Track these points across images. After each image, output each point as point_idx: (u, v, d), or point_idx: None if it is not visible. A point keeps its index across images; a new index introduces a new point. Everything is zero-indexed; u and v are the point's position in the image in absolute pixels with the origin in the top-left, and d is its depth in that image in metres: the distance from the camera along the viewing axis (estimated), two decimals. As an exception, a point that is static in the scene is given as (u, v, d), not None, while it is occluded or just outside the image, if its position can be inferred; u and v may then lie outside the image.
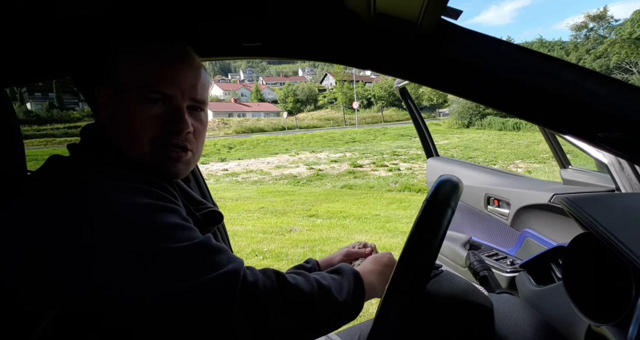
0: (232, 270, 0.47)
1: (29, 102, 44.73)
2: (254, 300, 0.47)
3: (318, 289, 0.53)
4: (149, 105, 0.56)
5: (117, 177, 0.49)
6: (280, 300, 0.49)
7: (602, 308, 0.54)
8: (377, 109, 42.30)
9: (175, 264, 0.45)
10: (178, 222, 0.49)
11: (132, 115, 0.56)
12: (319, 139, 18.50)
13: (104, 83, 0.60)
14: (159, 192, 0.50)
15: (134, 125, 0.56)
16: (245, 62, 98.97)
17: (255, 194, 6.94)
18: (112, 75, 0.59)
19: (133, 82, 0.57)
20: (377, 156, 12.05)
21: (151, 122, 0.56)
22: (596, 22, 38.48)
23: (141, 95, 0.56)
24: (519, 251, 1.45)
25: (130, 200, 0.46)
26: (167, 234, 0.46)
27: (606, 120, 0.51)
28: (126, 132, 0.57)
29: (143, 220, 0.46)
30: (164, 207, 0.49)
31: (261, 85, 66.22)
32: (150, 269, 0.44)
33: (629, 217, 0.52)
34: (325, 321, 0.53)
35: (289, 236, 4.17)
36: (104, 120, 0.60)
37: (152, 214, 0.47)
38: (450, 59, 0.57)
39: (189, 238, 0.48)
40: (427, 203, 0.54)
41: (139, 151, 0.57)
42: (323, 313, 0.52)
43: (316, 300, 0.52)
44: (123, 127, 0.57)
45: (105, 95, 0.59)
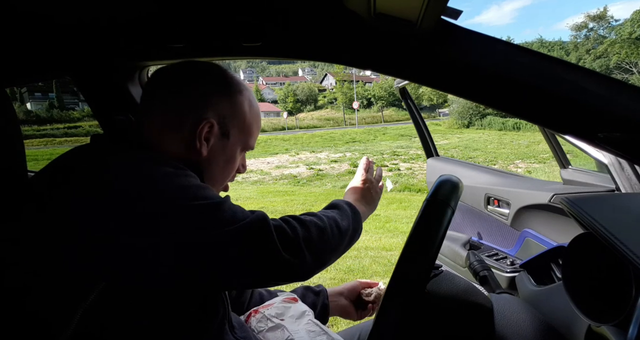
0: (261, 215, 0.53)
1: (29, 102, 44.74)
2: (286, 236, 0.53)
3: (328, 220, 0.60)
4: (241, 154, 0.68)
5: (140, 157, 0.53)
6: (304, 234, 0.55)
7: (602, 308, 0.54)
8: (377, 109, 42.31)
9: (209, 217, 0.49)
10: (200, 184, 0.53)
11: (234, 161, 0.66)
12: (319, 139, 18.51)
13: (208, 115, 0.61)
14: (180, 165, 0.54)
15: (232, 168, 0.66)
16: (245, 62, 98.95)
17: (255, 194, 6.94)
18: (220, 117, 0.62)
19: (242, 138, 0.65)
20: (377, 156, 12.05)
21: (236, 166, 0.67)
22: (596, 22, 38.51)
23: (243, 150, 0.67)
24: (519, 251, 1.45)
25: (152, 168, 0.50)
26: (194, 193, 0.50)
27: (606, 120, 0.51)
28: (223, 170, 0.65)
29: (168, 182, 0.49)
30: (185, 174, 0.53)
31: (261, 85, 66.26)
32: (186, 226, 0.47)
33: (629, 217, 0.52)
34: (338, 244, 0.61)
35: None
36: (200, 150, 0.61)
37: (175, 178, 0.50)
38: (450, 59, 0.57)
39: (214, 196, 0.52)
40: (427, 203, 0.54)
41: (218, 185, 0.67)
42: (336, 238, 0.60)
43: (329, 230, 0.59)
44: (219, 164, 0.64)
45: (211, 130, 0.61)
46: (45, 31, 0.73)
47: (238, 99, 0.64)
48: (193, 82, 0.62)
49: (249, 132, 0.66)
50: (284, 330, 0.71)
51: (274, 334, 0.71)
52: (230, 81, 0.64)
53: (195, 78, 0.62)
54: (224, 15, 0.68)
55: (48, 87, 43.63)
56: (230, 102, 0.63)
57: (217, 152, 0.63)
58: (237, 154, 0.66)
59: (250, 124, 0.66)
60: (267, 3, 0.64)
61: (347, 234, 0.63)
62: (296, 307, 0.78)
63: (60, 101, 42.84)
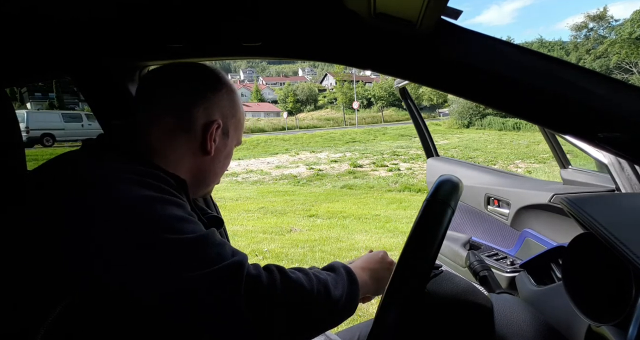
0: (237, 262, 0.48)
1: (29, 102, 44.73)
2: (257, 292, 0.48)
3: (317, 284, 0.53)
4: (235, 149, 0.70)
5: (124, 169, 0.50)
6: (282, 294, 0.49)
7: (602, 308, 0.54)
8: (377, 109, 42.29)
9: (180, 255, 0.45)
10: (182, 215, 0.49)
11: (230, 158, 0.68)
12: (319, 139, 18.50)
13: (216, 117, 0.62)
14: (164, 187, 0.51)
15: (227, 165, 0.68)
16: (245, 62, 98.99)
17: (255, 194, 6.94)
18: (223, 116, 0.63)
19: (235, 134, 0.67)
20: (377, 156, 12.05)
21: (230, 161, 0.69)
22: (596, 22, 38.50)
23: (236, 145, 0.69)
24: (519, 251, 1.45)
25: (134, 191, 0.47)
26: (172, 225, 0.47)
27: (606, 120, 0.51)
28: (222, 166, 0.67)
29: (148, 211, 0.46)
30: (169, 200, 0.49)
31: (261, 85, 66.22)
32: (154, 260, 0.44)
33: (629, 217, 0.52)
34: (324, 316, 0.53)
35: (289, 236, 4.16)
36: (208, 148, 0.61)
37: (157, 206, 0.47)
38: (450, 59, 0.57)
39: (194, 231, 0.48)
40: (427, 203, 0.54)
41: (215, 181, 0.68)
42: (322, 308, 0.53)
43: (315, 295, 0.52)
44: (220, 162, 0.66)
45: (218, 130, 0.63)
46: (45, 31, 0.73)
47: (233, 96, 0.66)
48: (195, 82, 0.62)
49: (241, 128, 0.69)
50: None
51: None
52: (225, 79, 0.66)
53: (196, 78, 0.62)
54: (224, 15, 0.68)
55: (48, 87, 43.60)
56: (229, 101, 0.64)
57: (219, 150, 0.64)
58: (233, 150, 0.68)
59: (241, 119, 0.68)
60: (267, 3, 0.64)
61: (337, 305, 0.54)
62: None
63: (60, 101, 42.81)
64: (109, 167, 0.50)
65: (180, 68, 0.64)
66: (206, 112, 0.61)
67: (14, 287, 0.46)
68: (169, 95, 0.61)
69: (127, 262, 0.44)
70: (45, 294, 0.45)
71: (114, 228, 0.44)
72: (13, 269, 0.46)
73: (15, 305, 0.45)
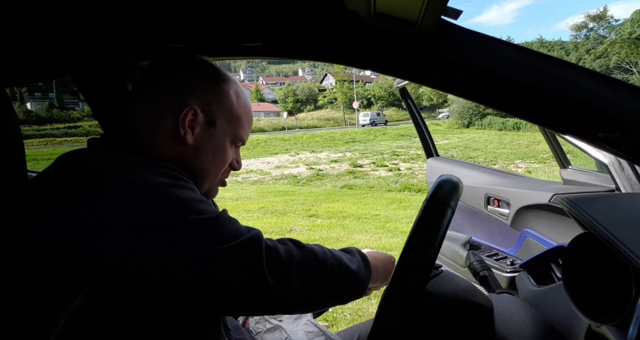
0: (255, 235, 0.50)
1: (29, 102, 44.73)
2: (277, 260, 0.50)
3: (330, 255, 0.56)
4: (233, 148, 0.66)
5: (135, 162, 0.52)
6: (299, 261, 0.52)
7: (602, 308, 0.54)
8: (377, 109, 42.29)
9: (207, 233, 0.47)
10: (197, 196, 0.51)
11: (224, 153, 0.64)
12: (319, 139, 18.50)
13: (192, 103, 0.59)
14: (175, 174, 0.52)
15: (222, 161, 0.64)
16: (245, 62, 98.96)
17: (255, 194, 6.94)
18: (206, 105, 0.61)
19: (230, 128, 0.64)
20: (377, 156, 12.05)
21: (227, 160, 0.65)
22: (596, 22, 38.48)
23: (233, 141, 0.65)
24: (519, 251, 1.45)
25: (151, 179, 0.48)
26: (193, 207, 0.48)
27: (606, 120, 0.51)
28: (211, 161, 0.63)
29: (169, 195, 0.48)
30: (182, 185, 0.51)
31: (261, 85, 66.23)
32: (184, 240, 0.46)
33: (629, 217, 0.52)
34: (340, 285, 0.56)
35: (289, 236, 4.16)
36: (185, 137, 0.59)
37: (175, 190, 0.49)
38: (450, 59, 0.57)
39: (211, 210, 0.50)
40: (427, 203, 0.54)
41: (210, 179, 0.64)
42: (338, 276, 0.55)
43: (330, 265, 0.55)
44: (205, 157, 0.62)
45: (196, 118, 0.60)
46: (45, 31, 0.73)
47: (223, 86, 0.63)
48: (175, 72, 0.61)
49: (237, 122, 0.64)
50: (282, 331, 0.71)
51: (272, 335, 0.71)
52: (214, 70, 0.64)
53: (177, 68, 0.62)
54: (224, 15, 0.68)
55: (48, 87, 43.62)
56: (214, 90, 0.62)
57: (204, 141, 0.61)
58: (227, 145, 0.64)
59: (238, 114, 0.64)
60: (267, 3, 0.64)
61: (349, 276, 0.57)
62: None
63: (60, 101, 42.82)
64: (121, 161, 0.51)
65: (168, 59, 0.63)
66: (179, 95, 0.59)
67: (34, 278, 0.46)
68: (149, 85, 0.61)
69: (152, 246, 0.45)
70: (66, 283, 0.45)
71: (138, 214, 0.46)
72: (32, 261, 0.46)
73: (36, 295, 0.46)
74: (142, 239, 0.45)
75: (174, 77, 0.61)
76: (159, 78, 0.61)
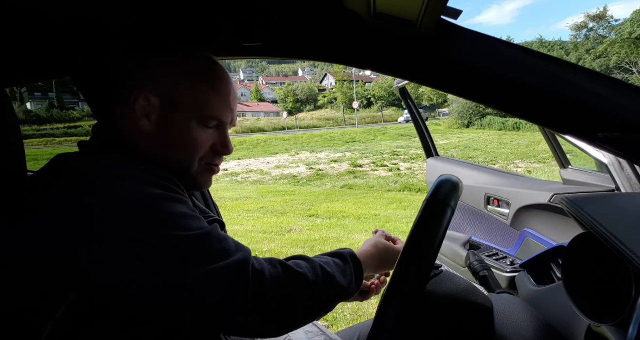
0: (242, 258, 0.49)
1: (29, 102, 44.72)
2: (262, 287, 0.48)
3: (323, 277, 0.54)
4: (207, 129, 0.60)
5: (124, 168, 0.50)
6: (286, 288, 0.50)
7: (602, 308, 0.54)
8: (377, 109, 42.32)
9: (187, 251, 0.46)
10: (186, 211, 0.49)
11: (192, 136, 0.59)
12: (319, 139, 18.50)
13: (144, 89, 0.58)
14: (167, 184, 0.51)
15: (192, 145, 0.59)
16: (245, 62, 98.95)
17: (255, 194, 6.94)
18: (161, 87, 0.58)
19: (194, 106, 0.58)
20: (377, 156, 12.05)
21: (204, 143, 0.60)
22: (596, 22, 38.48)
23: (201, 121, 0.59)
24: (519, 251, 1.45)
25: (138, 190, 0.47)
26: (177, 222, 0.47)
27: (606, 120, 0.51)
28: (177, 148, 0.59)
29: (152, 209, 0.47)
30: (172, 198, 0.49)
31: (261, 85, 66.21)
32: (162, 257, 0.45)
33: (629, 217, 0.52)
34: (327, 304, 0.55)
35: (289, 236, 4.16)
36: (143, 128, 0.58)
37: (161, 203, 0.47)
38: (450, 59, 0.57)
39: (199, 227, 0.48)
40: (427, 203, 0.54)
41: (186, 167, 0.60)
42: (326, 298, 0.55)
43: (320, 287, 0.53)
44: (173, 142, 0.59)
45: (149, 103, 0.58)
46: (45, 31, 0.73)
47: (180, 65, 0.59)
48: (128, 62, 0.61)
49: (202, 98, 0.59)
50: (283, 330, 0.71)
51: (273, 335, 0.71)
52: (171, 52, 0.60)
53: (130, 58, 0.61)
54: (224, 15, 0.68)
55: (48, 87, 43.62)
56: (170, 69, 0.58)
57: (167, 127, 0.58)
58: (193, 127, 0.58)
59: (201, 89, 0.59)
60: (267, 3, 0.64)
61: (338, 294, 0.56)
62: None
63: (60, 101, 42.83)
64: (110, 167, 0.50)
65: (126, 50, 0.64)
66: (134, 80, 0.58)
67: (19, 286, 0.46)
68: (112, 80, 0.62)
69: (135, 260, 0.44)
70: (51, 292, 0.45)
71: (122, 226, 0.45)
72: (19, 270, 0.46)
73: (21, 303, 0.46)
74: (124, 251, 0.44)
75: (127, 65, 0.60)
76: (115, 70, 0.61)
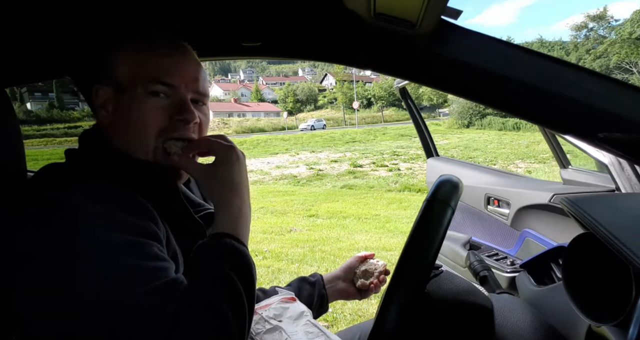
0: None
1: (29, 102, 44.73)
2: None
3: None
4: (154, 98, 0.56)
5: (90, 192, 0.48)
6: None
7: (602, 308, 0.54)
8: (377, 109, 42.33)
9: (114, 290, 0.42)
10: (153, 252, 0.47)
11: (137, 109, 0.55)
12: (319, 139, 18.50)
13: (102, 83, 0.58)
14: (127, 219, 0.48)
15: (140, 118, 0.55)
16: (245, 62, 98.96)
17: (255, 194, 6.94)
18: (112, 74, 0.57)
19: (135, 78, 0.56)
20: (377, 156, 12.05)
21: (157, 114, 0.55)
22: (596, 22, 38.48)
23: (145, 89, 0.55)
24: (519, 251, 1.45)
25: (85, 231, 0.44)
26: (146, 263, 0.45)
27: (606, 120, 0.51)
28: (131, 128, 0.56)
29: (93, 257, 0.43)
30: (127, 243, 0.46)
31: (261, 85, 66.23)
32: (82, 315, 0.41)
33: (629, 217, 0.52)
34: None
35: (289, 236, 4.16)
36: (104, 120, 0.59)
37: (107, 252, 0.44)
38: (450, 59, 0.57)
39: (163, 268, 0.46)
40: (427, 203, 0.54)
41: (145, 148, 0.56)
42: None
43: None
44: (127, 124, 0.56)
45: (104, 94, 0.58)
46: (44, 31, 0.73)
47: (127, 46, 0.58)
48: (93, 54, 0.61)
49: (141, 64, 0.56)
50: (282, 332, 0.71)
51: (272, 336, 0.70)
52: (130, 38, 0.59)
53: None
54: (224, 14, 0.68)
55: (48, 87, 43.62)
56: (118, 54, 0.57)
57: (122, 111, 0.56)
58: (139, 100, 0.55)
59: (142, 59, 0.56)
60: (267, 3, 0.64)
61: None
62: (294, 307, 0.77)
63: (60, 101, 42.83)
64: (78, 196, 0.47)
65: None
66: (93, 77, 0.58)
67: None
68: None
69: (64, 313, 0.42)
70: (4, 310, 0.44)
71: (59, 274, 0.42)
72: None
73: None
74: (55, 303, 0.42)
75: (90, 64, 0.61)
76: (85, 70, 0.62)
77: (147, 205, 0.52)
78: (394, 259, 0.67)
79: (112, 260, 0.44)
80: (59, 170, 0.54)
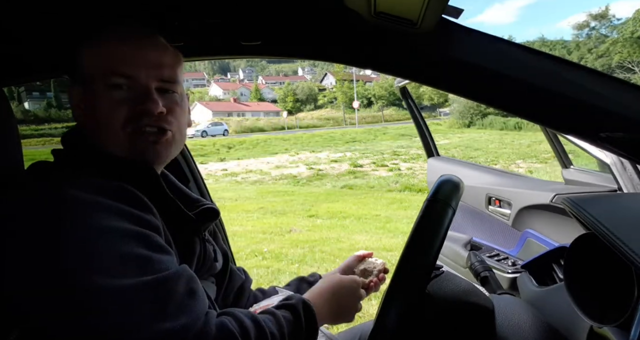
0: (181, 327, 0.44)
1: (27, 102, 44.76)
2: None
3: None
4: (115, 91, 0.55)
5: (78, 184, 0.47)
6: None
7: (604, 309, 0.54)
8: (377, 109, 42.33)
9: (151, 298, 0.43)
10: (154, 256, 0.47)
11: (100, 104, 0.54)
12: (319, 139, 18.51)
13: (76, 82, 0.59)
14: (124, 208, 0.48)
15: (103, 113, 0.54)
16: (244, 61, 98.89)
17: (254, 194, 6.94)
18: (80, 73, 0.58)
19: (96, 71, 0.55)
20: (378, 156, 12.05)
21: (119, 106, 0.54)
22: (598, 21, 38.45)
23: (105, 82, 0.54)
24: (520, 252, 1.45)
25: (81, 219, 0.44)
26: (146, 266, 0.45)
27: (608, 119, 0.51)
28: (98, 123, 0.55)
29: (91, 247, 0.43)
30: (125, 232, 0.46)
31: (261, 84, 66.26)
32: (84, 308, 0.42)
33: (631, 218, 0.52)
34: None
35: (288, 236, 4.16)
36: (79, 119, 0.59)
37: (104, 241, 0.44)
38: (451, 58, 0.57)
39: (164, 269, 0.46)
40: (428, 203, 0.53)
41: (115, 141, 0.55)
42: None
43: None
44: (94, 120, 0.55)
45: (77, 94, 0.58)
46: (43, 30, 0.73)
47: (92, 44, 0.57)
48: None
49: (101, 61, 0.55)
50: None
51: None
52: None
53: None
54: (224, 14, 0.67)
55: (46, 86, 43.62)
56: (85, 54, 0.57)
57: (87, 109, 0.56)
58: (102, 95, 0.55)
59: (101, 53, 0.56)
60: (267, 2, 0.63)
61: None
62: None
63: (58, 100, 42.81)
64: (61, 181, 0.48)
65: None
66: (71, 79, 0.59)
67: None
68: None
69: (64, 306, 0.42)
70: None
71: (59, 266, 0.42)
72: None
73: None
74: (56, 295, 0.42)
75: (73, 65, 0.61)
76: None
77: (143, 197, 0.52)
78: (395, 260, 0.67)
79: (113, 250, 0.44)
80: (47, 166, 0.54)
